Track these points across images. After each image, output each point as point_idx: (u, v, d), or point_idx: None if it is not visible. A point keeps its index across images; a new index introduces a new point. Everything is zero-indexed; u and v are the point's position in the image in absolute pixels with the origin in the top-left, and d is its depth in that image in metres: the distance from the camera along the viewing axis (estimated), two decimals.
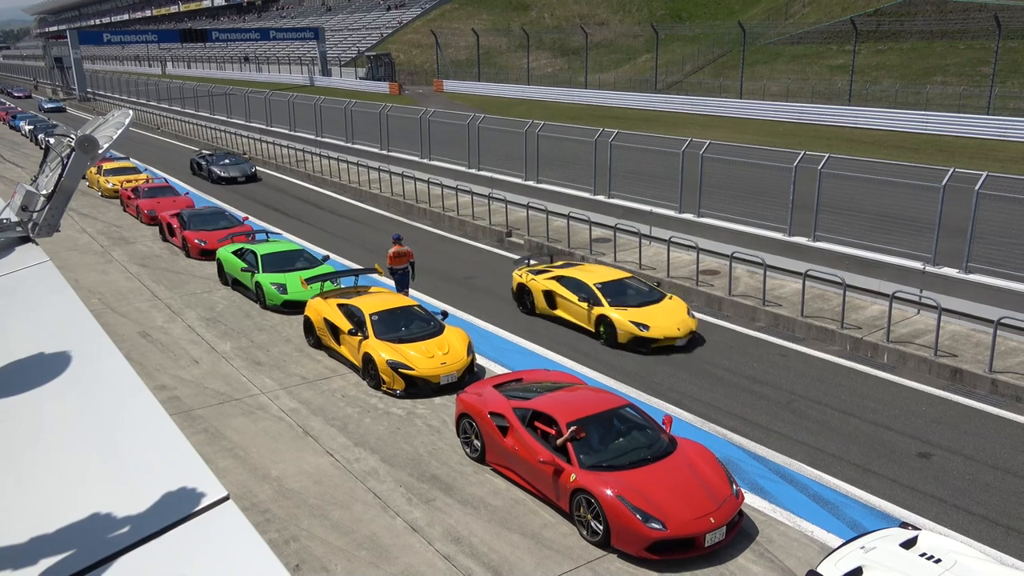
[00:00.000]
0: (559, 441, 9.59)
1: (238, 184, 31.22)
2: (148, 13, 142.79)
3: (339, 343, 14.13)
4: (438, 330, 13.83)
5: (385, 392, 12.97)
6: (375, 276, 16.54)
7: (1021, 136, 35.26)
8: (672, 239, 18.07)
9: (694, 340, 14.78)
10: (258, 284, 17.15)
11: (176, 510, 1.68)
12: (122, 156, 33.13)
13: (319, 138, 34.69)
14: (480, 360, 13.89)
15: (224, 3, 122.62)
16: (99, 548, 1.61)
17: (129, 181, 28.89)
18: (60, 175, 3.37)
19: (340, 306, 14.36)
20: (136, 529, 1.65)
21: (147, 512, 1.69)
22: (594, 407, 10.23)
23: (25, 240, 3.49)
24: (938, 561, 7.20)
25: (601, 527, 8.88)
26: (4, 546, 1.66)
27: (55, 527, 1.68)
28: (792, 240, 16.85)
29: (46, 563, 1.60)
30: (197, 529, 1.64)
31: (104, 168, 30.04)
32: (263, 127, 39.62)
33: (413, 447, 11.30)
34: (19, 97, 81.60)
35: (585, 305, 15.00)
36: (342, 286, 16.24)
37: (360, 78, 74.71)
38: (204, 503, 1.68)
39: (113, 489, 1.80)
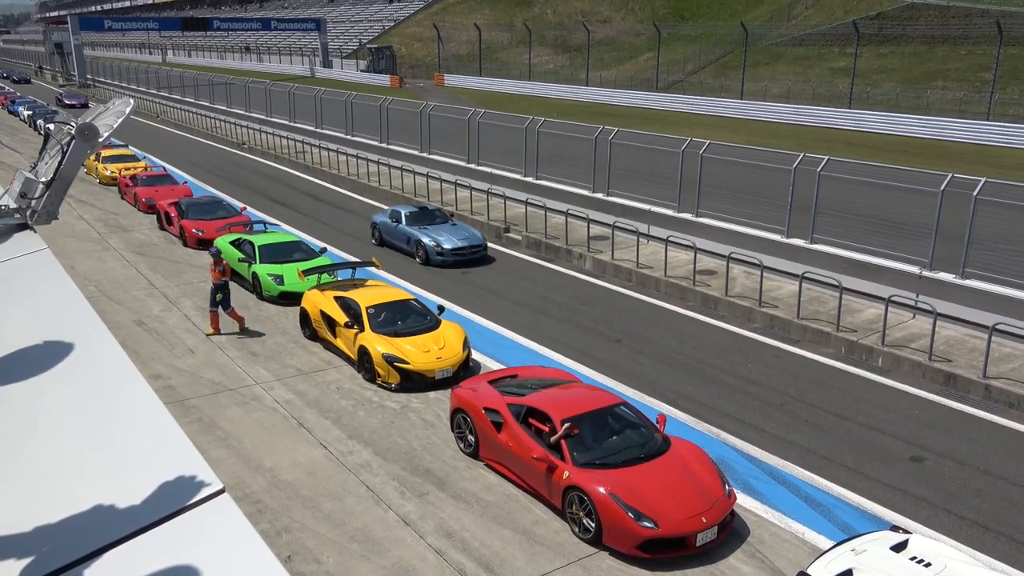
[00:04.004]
0: (553, 438, 9.60)
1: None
2: (150, 0, 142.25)
3: (335, 335, 14.12)
4: (434, 325, 13.83)
5: (380, 385, 12.96)
6: (373, 270, 16.51)
7: (1021, 142, 35.29)
8: (670, 238, 18.08)
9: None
10: (255, 275, 17.13)
11: (171, 502, 1.68)
12: (121, 144, 33.05)
13: (319, 129, 34.63)
14: (476, 355, 13.90)
15: None
16: (93, 539, 1.61)
17: (127, 169, 28.81)
18: (60, 162, 3.36)
19: (337, 298, 14.35)
20: (131, 520, 1.65)
21: (142, 504, 1.69)
22: (589, 405, 10.25)
23: (23, 227, 3.48)
24: (928, 565, 7.22)
25: (593, 524, 8.90)
26: None
27: (49, 517, 1.68)
28: (790, 242, 16.87)
29: (39, 553, 1.60)
30: (192, 521, 1.64)
31: (102, 155, 29.93)
32: (263, 117, 39.53)
33: (407, 441, 11.31)
34: (73, 105, 52.30)
35: None
36: (339, 278, 16.22)
37: (361, 70, 74.57)
38: (200, 496, 1.68)
39: (108, 480, 1.80)
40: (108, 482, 1.79)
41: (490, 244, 21.54)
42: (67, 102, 55.19)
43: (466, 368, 13.30)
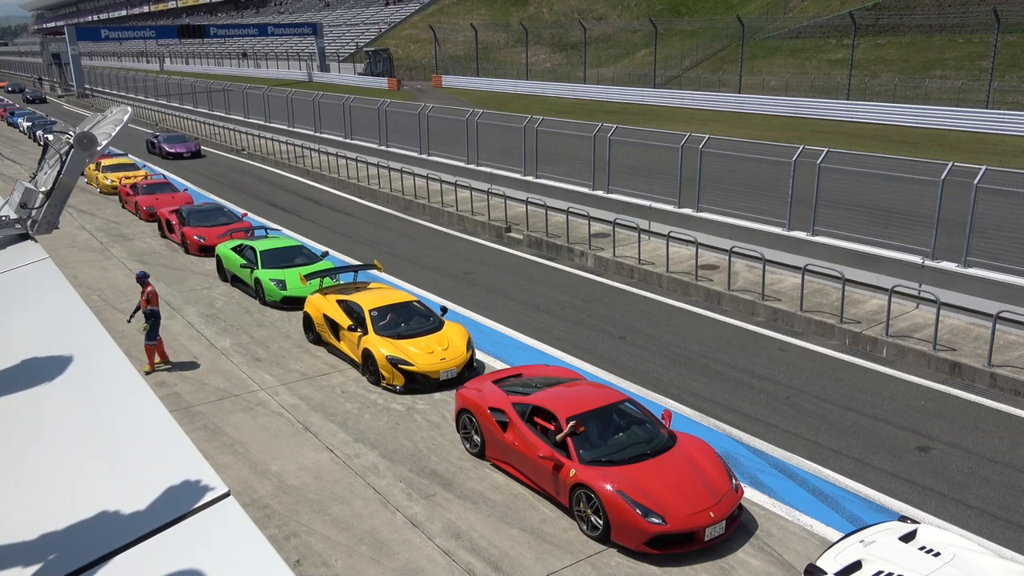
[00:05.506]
0: (559, 436, 9.60)
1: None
2: (146, 9, 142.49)
3: (338, 339, 14.13)
4: (438, 326, 13.83)
5: (385, 388, 12.97)
6: (375, 272, 16.52)
7: (1020, 130, 35.23)
8: (671, 234, 18.06)
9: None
10: (257, 280, 17.14)
11: (177, 506, 1.68)
12: (121, 152, 33.09)
13: (318, 134, 34.65)
14: (480, 356, 13.90)
15: None
16: (99, 545, 1.61)
17: (128, 178, 28.85)
18: (59, 172, 3.37)
19: (339, 302, 14.36)
20: (137, 526, 1.65)
21: (148, 509, 1.69)
22: (594, 402, 10.24)
23: (24, 237, 3.49)
24: (937, 554, 7.22)
25: (601, 522, 8.90)
26: (4, 544, 1.67)
27: (55, 524, 1.68)
28: (791, 235, 16.85)
29: (46, 560, 1.60)
30: (198, 525, 1.64)
31: (103, 164, 29.99)
32: (262, 123, 39.57)
33: (413, 443, 11.31)
34: (180, 154, 36.47)
35: None
36: (341, 282, 16.23)
37: (359, 73, 74.60)
38: (205, 499, 1.69)
39: (113, 486, 1.81)
40: (113, 488, 1.79)
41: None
42: (168, 149, 36.50)
43: (470, 368, 13.30)
